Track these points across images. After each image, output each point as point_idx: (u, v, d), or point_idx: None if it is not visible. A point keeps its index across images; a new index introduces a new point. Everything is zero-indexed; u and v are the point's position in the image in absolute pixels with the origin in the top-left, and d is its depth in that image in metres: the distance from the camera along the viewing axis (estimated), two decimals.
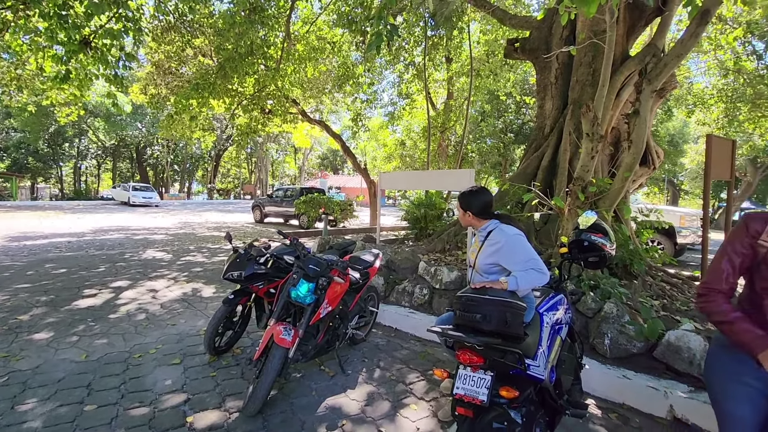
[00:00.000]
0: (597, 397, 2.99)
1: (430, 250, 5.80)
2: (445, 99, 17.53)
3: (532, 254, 2.16)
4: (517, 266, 2.15)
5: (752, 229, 1.46)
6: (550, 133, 6.20)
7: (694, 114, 12.78)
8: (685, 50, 3.96)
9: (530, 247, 2.21)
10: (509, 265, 2.19)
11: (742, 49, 9.56)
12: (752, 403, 1.43)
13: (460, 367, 1.99)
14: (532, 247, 2.24)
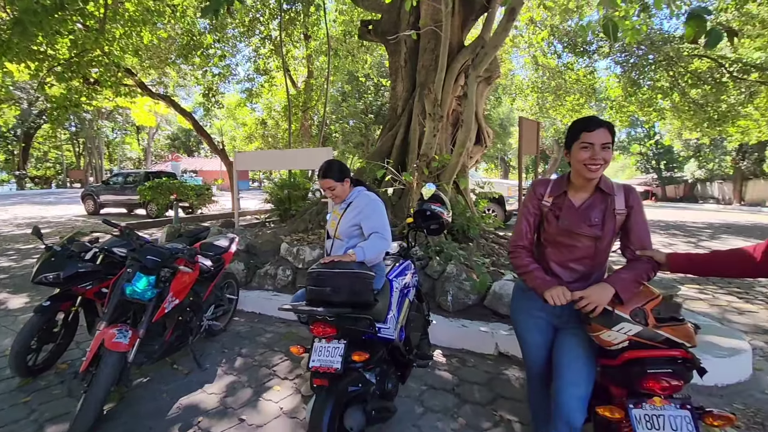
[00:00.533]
0: (442, 346, 3.42)
1: (292, 231, 5.72)
2: (306, 77, 17.16)
3: (384, 221, 2.31)
4: (370, 229, 2.28)
5: (538, 192, 1.81)
6: (401, 113, 6.62)
7: (515, 101, 15.19)
8: (499, 42, 4.64)
9: (385, 214, 2.37)
10: (366, 227, 2.31)
11: (547, 48, 11.66)
12: (540, 330, 1.82)
13: (315, 340, 2.04)
14: (387, 218, 2.41)
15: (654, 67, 10.72)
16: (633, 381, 1.50)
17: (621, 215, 1.65)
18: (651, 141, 32.48)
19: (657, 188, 36.30)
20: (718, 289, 5.43)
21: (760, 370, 3.03)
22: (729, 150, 26.49)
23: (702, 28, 1.93)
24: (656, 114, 12.24)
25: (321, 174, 2.38)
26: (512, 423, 2.41)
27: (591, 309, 1.51)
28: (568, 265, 1.71)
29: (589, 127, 1.58)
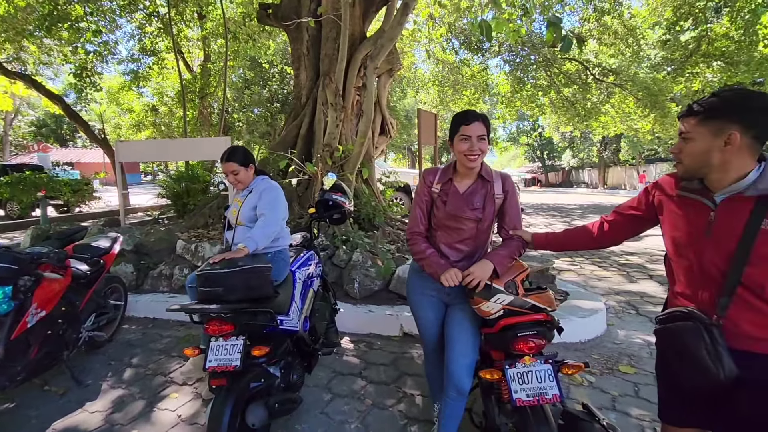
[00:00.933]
0: (351, 333, 3.50)
1: (191, 227, 5.32)
2: (202, 61, 15.83)
3: (275, 204, 2.33)
4: (260, 210, 2.30)
5: (428, 180, 1.94)
6: (306, 102, 6.48)
7: (419, 94, 15.85)
8: (395, 35, 4.80)
9: (280, 200, 2.38)
10: (259, 207, 2.33)
11: (446, 44, 12.33)
12: (433, 307, 1.97)
13: (211, 339, 1.95)
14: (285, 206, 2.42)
15: (535, 67, 12.00)
16: (507, 344, 1.71)
17: (499, 199, 1.85)
18: (535, 133, 36.44)
19: (542, 175, 41.01)
20: (584, 260, 6.37)
21: (612, 325, 3.65)
22: (594, 142, 30.88)
23: (558, 34, 2.23)
24: (538, 109, 13.74)
25: (225, 157, 2.35)
26: (414, 397, 2.58)
27: (476, 284, 1.68)
28: (454, 246, 1.87)
29: (467, 121, 1.75)
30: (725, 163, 1.19)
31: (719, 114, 1.17)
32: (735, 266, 1.18)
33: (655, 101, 11.54)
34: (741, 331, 1.19)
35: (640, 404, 2.46)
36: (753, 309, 1.17)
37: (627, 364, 2.95)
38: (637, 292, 4.67)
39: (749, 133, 1.14)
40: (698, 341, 1.19)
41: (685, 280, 1.33)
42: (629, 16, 11.16)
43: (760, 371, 1.17)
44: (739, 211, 1.18)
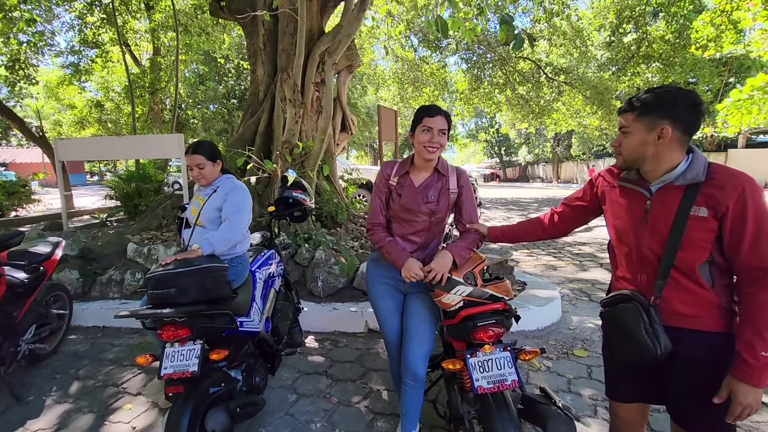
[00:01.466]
0: (315, 332, 3.46)
1: (142, 229, 5.04)
2: (152, 55, 15.02)
3: (241, 208, 2.22)
4: (225, 214, 2.18)
5: (385, 172, 1.96)
6: (264, 99, 6.31)
7: (379, 91, 15.87)
8: (353, 30, 4.77)
9: (247, 204, 2.28)
10: (223, 212, 2.21)
11: (405, 41, 12.42)
12: (391, 296, 1.99)
13: (166, 345, 1.86)
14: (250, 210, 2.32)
15: (491, 66, 12.34)
16: (468, 334, 1.75)
17: (454, 194, 1.89)
18: (493, 130, 37.57)
19: (500, 171, 42.33)
20: (541, 252, 6.65)
21: (567, 312, 3.84)
22: (548, 138, 32.27)
23: (511, 32, 2.30)
24: (495, 106, 14.16)
25: (191, 149, 2.25)
26: (380, 392, 2.59)
27: (439, 278, 1.71)
28: (408, 237, 1.91)
29: (430, 113, 1.79)
30: (658, 155, 1.27)
31: (652, 110, 1.25)
32: (669, 250, 1.26)
33: (601, 99, 12.22)
34: (674, 309, 1.29)
35: (592, 385, 2.61)
36: (684, 289, 1.27)
37: (581, 348, 3.11)
38: (588, 280, 4.94)
39: (678, 127, 1.23)
40: (638, 321, 1.27)
41: (625, 264, 1.42)
42: (576, 18, 11.73)
43: (689, 345, 1.27)
44: (671, 199, 1.27)
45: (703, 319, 1.26)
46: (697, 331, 1.27)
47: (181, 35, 11.75)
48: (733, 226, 1.18)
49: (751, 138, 19.70)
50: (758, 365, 1.14)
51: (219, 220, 2.23)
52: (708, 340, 1.26)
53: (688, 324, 1.28)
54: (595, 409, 2.35)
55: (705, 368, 1.26)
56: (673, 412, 1.39)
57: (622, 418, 1.57)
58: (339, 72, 6.32)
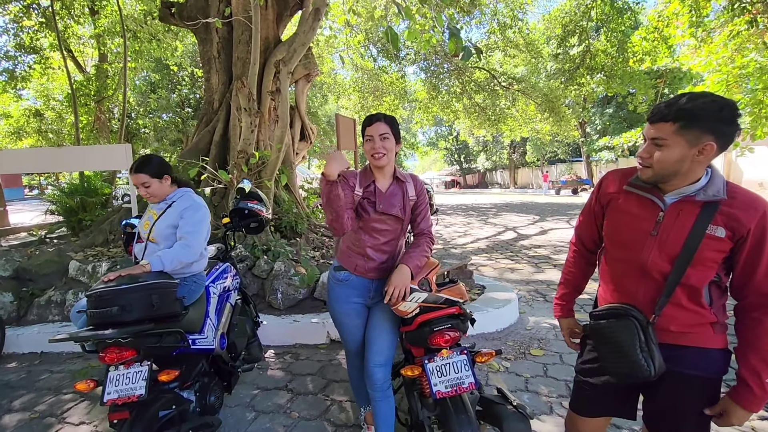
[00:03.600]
0: (276, 345, 3.37)
1: (86, 246, 4.73)
2: (98, 61, 14.24)
3: (198, 228, 2.08)
4: (182, 231, 2.05)
5: (351, 181, 1.94)
6: (219, 107, 6.15)
7: (340, 100, 15.90)
8: (307, 39, 4.77)
9: (206, 223, 2.15)
10: (178, 231, 2.07)
11: (364, 51, 12.54)
12: (358, 314, 1.95)
13: (110, 369, 1.74)
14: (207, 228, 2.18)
15: (448, 75, 12.70)
16: (425, 340, 1.76)
17: (413, 200, 1.92)
18: (452, 137, 38.55)
19: (460, 177, 43.44)
20: (499, 255, 6.85)
21: (524, 312, 3.97)
22: (505, 145, 33.51)
23: (460, 43, 2.38)
24: (453, 114, 14.55)
25: (134, 168, 2.09)
26: (342, 403, 2.56)
27: (401, 294, 1.69)
28: (380, 248, 1.89)
29: (369, 123, 1.81)
30: (691, 170, 1.17)
31: (698, 123, 1.11)
32: (678, 268, 1.19)
33: (552, 106, 12.89)
34: (670, 328, 1.25)
35: (548, 383, 2.70)
36: (684, 308, 1.22)
37: (537, 347, 3.22)
38: (544, 281, 5.14)
39: (720, 142, 1.12)
40: (634, 339, 1.20)
41: (623, 277, 1.33)
42: (528, 31, 12.34)
43: (680, 362, 1.23)
44: (687, 214, 1.19)
45: (696, 335, 1.23)
46: (689, 348, 1.24)
47: (130, 41, 11.25)
48: (751, 250, 1.14)
49: None
50: (761, 394, 1.12)
51: (173, 237, 2.09)
52: (699, 356, 1.23)
53: (682, 341, 1.24)
54: (551, 407, 2.43)
55: (694, 384, 1.24)
56: (654, 426, 1.35)
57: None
58: (297, 81, 6.28)
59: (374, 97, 13.59)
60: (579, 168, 28.21)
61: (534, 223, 11.02)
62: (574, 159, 29.55)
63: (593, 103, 23.31)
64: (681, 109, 1.12)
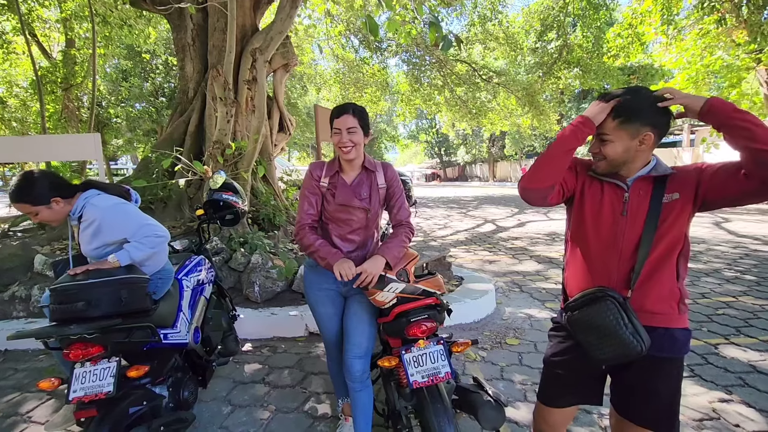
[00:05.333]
0: (253, 339, 3.33)
1: (54, 239, 4.55)
2: (65, 47, 13.60)
3: (141, 220, 1.91)
4: (125, 236, 1.87)
5: (315, 174, 1.92)
6: (194, 96, 5.98)
7: (321, 91, 15.70)
8: (285, 28, 4.68)
9: (136, 212, 1.96)
10: (116, 239, 1.88)
11: (345, 42, 12.37)
12: (332, 302, 1.95)
13: (75, 367, 1.68)
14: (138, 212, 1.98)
15: (430, 68, 12.68)
16: (402, 331, 1.77)
17: (383, 189, 1.90)
18: (433, 131, 38.68)
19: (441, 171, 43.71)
20: (478, 247, 6.94)
21: (501, 303, 4.04)
22: (484, 139, 33.87)
23: (440, 34, 2.37)
24: (435, 107, 14.56)
25: (13, 196, 1.77)
26: (320, 395, 2.55)
27: (369, 280, 1.70)
28: (347, 237, 1.89)
29: (337, 115, 1.79)
30: (637, 158, 1.31)
31: (636, 118, 1.25)
32: (646, 240, 1.27)
33: (532, 100, 13.04)
34: (644, 307, 1.29)
35: (523, 371, 2.76)
36: (656, 283, 1.28)
37: (513, 337, 3.29)
38: (520, 272, 5.23)
39: (657, 131, 1.27)
40: (617, 319, 1.23)
41: (598, 260, 1.37)
42: (507, 24, 12.42)
43: (652, 339, 1.25)
44: (646, 189, 1.31)
45: (666, 316, 1.29)
46: (659, 329, 1.28)
47: (99, 27, 10.76)
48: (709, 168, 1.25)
49: None
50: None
51: (106, 254, 1.86)
52: (667, 337, 1.28)
53: (653, 322, 1.28)
54: (525, 394, 2.49)
55: (661, 364, 1.29)
56: (623, 408, 1.39)
57: (548, 422, 1.56)
58: (275, 71, 6.15)
59: (356, 88, 13.46)
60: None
61: (512, 216, 11.20)
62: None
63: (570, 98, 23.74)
64: (619, 107, 1.27)
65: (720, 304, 3.93)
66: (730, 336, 3.22)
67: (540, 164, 1.40)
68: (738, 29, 7.44)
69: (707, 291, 4.31)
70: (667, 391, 1.31)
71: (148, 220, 1.95)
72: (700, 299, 4.06)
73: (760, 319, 3.54)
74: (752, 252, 6.05)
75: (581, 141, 1.36)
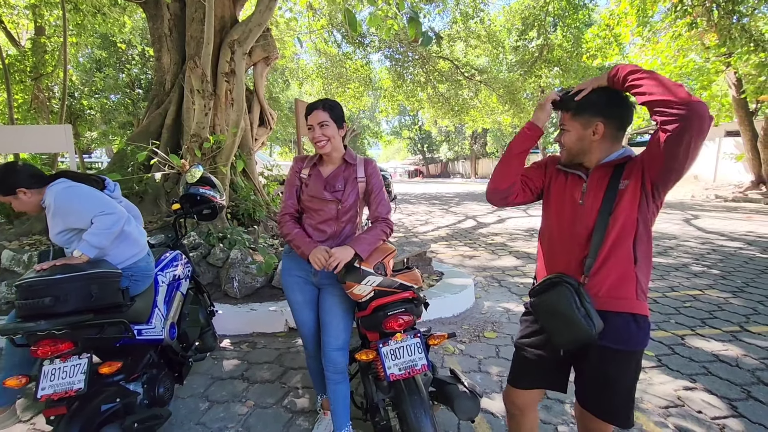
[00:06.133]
0: (232, 335, 3.30)
1: (22, 234, 4.39)
2: (33, 34, 13.05)
3: (90, 204, 1.85)
4: (83, 220, 1.84)
5: (297, 166, 1.95)
6: (171, 89, 5.83)
7: (303, 86, 15.55)
8: (264, 20, 4.62)
9: (87, 192, 1.89)
10: (84, 224, 1.84)
11: (327, 36, 12.26)
12: (301, 289, 1.96)
13: (44, 363, 1.64)
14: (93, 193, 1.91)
15: (413, 64, 12.69)
16: (379, 324, 1.78)
17: (362, 182, 1.91)
18: (416, 127, 38.81)
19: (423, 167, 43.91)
20: (458, 243, 7.02)
21: (479, 297, 4.10)
22: (466, 136, 34.17)
23: (419, 29, 2.38)
24: (418, 103, 14.60)
25: None
26: (299, 390, 2.55)
27: (335, 265, 1.70)
28: (318, 227, 1.91)
29: (309, 112, 1.83)
30: (593, 149, 1.37)
31: (584, 110, 1.35)
32: (599, 226, 1.32)
33: (513, 98, 13.22)
34: (600, 292, 1.33)
35: (500, 363, 2.82)
36: (611, 269, 1.31)
37: (491, 330, 3.35)
38: (499, 267, 5.32)
39: (611, 123, 1.33)
40: (570, 303, 1.28)
41: (558, 248, 1.44)
42: (489, 22, 12.53)
43: (609, 329, 1.29)
44: (603, 176, 1.36)
45: (623, 301, 1.31)
46: (615, 314, 1.31)
47: (71, 14, 10.37)
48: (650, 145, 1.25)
49: (632, 137, 22.71)
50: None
51: (74, 239, 1.88)
52: (624, 324, 1.30)
53: (609, 306, 1.31)
54: (501, 385, 2.55)
55: (618, 357, 1.32)
56: (582, 399, 1.43)
57: (516, 404, 1.60)
58: (256, 64, 6.05)
59: (338, 83, 13.38)
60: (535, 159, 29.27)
61: (492, 212, 11.36)
62: (533, 151, 30.62)
63: None
64: (571, 101, 1.38)
65: (687, 297, 4.09)
66: (696, 327, 3.36)
67: (497, 168, 1.54)
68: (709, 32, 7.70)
69: (676, 285, 4.48)
70: (624, 385, 1.34)
71: (96, 201, 1.87)
72: (669, 292, 4.22)
73: (724, 311, 3.70)
74: (719, 248, 6.30)
75: (529, 144, 1.50)
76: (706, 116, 1.11)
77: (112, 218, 1.83)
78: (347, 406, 1.89)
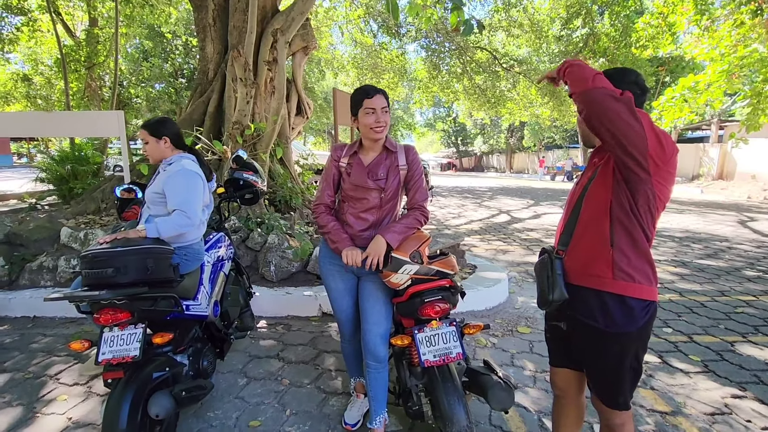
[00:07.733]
0: (268, 316, 3.42)
1: (78, 213, 4.70)
2: (88, 25, 13.78)
3: (188, 197, 2.00)
4: (172, 206, 1.98)
5: (335, 155, 1.96)
6: (214, 77, 6.02)
7: (338, 76, 15.65)
8: (306, 8, 4.67)
9: (196, 189, 2.07)
10: (169, 203, 2.01)
11: (364, 26, 12.26)
12: (342, 277, 1.99)
13: (104, 330, 1.77)
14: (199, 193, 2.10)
15: (450, 54, 12.49)
16: (416, 311, 1.80)
17: (403, 170, 1.91)
18: (450, 119, 38.20)
19: (456, 160, 43.27)
20: (492, 237, 6.91)
21: (513, 292, 4.04)
22: (503, 129, 33.30)
23: (462, 17, 2.34)
24: (453, 95, 14.38)
25: (143, 124, 2.17)
26: (332, 372, 2.62)
27: (377, 263, 1.74)
28: (360, 216, 1.92)
29: (369, 95, 1.79)
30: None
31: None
32: (576, 205, 1.40)
33: (553, 90, 12.75)
34: (574, 266, 1.38)
35: (533, 359, 2.78)
36: (585, 245, 1.36)
37: (524, 325, 3.30)
38: (534, 263, 5.20)
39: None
40: (543, 271, 1.42)
41: (560, 225, 1.52)
42: (533, 11, 12.10)
43: (581, 304, 1.35)
44: (600, 159, 1.39)
45: (598, 279, 1.31)
46: (587, 290, 1.33)
47: (122, 6, 10.88)
48: None
49: (682, 133, 21.42)
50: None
51: (161, 204, 2.06)
52: (597, 301, 1.31)
53: (584, 282, 1.35)
54: (535, 380, 2.52)
55: (599, 339, 1.33)
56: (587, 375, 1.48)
57: (556, 385, 1.61)
58: (294, 53, 6.15)
59: (373, 74, 13.36)
60: (576, 154, 28.15)
61: (528, 207, 11.09)
62: (571, 146, 29.49)
63: None
64: None
65: (739, 302, 3.86)
66: (748, 334, 3.18)
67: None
68: None
69: (727, 289, 4.23)
70: (604, 364, 1.36)
71: (195, 201, 2.04)
72: (719, 297, 4.00)
73: None
74: None
75: None
76: (600, 99, 1.18)
77: (187, 222, 1.97)
78: (385, 394, 1.92)
